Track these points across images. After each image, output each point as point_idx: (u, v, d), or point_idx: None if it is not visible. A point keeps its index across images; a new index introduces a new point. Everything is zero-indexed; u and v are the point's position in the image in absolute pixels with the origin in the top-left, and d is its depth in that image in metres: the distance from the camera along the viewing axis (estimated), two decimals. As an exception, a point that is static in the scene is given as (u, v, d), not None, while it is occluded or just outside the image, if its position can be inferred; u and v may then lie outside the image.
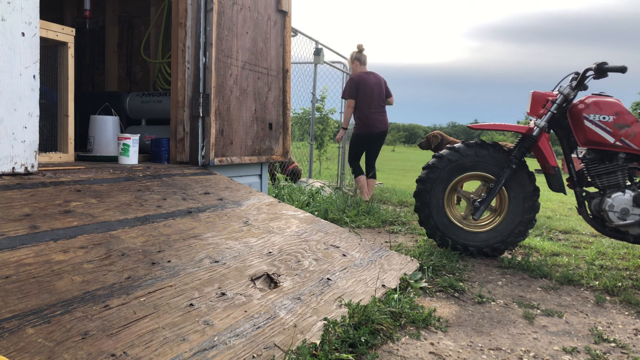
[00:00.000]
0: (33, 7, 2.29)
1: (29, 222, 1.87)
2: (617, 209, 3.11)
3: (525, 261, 3.26)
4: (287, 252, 2.42)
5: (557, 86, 3.35)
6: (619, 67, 3.08)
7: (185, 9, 3.29)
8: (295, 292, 2.05)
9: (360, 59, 5.87)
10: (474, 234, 3.48)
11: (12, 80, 2.20)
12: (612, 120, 3.11)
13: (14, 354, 1.25)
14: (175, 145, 3.42)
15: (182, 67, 3.33)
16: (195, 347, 1.50)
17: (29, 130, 2.29)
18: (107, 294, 1.61)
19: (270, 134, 4.13)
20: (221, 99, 3.46)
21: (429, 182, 3.48)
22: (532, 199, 3.40)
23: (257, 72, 3.87)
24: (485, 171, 3.42)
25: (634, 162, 3.19)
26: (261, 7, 3.88)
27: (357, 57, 5.87)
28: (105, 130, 3.48)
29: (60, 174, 2.47)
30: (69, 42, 3.02)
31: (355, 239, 2.97)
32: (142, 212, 2.31)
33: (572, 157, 3.34)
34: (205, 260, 2.05)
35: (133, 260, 1.87)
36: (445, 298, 2.57)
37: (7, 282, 1.50)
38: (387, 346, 1.93)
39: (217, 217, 2.57)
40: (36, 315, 1.41)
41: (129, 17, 4.63)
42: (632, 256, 3.68)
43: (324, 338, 1.79)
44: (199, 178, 3.10)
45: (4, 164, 2.21)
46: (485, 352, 1.96)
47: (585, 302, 2.65)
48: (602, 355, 1.97)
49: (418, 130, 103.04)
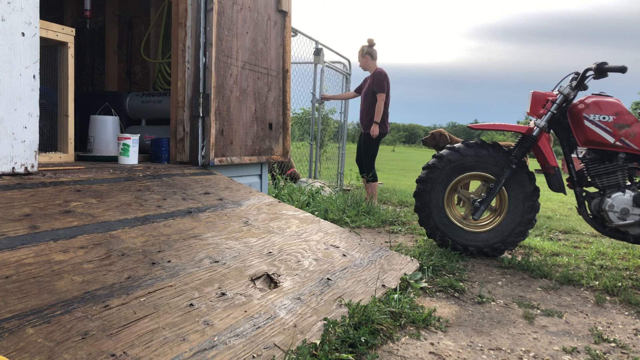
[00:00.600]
0: (33, 7, 2.29)
1: (29, 222, 1.87)
2: (617, 209, 3.11)
3: (525, 261, 3.26)
4: (287, 252, 2.42)
5: (557, 86, 3.35)
6: (619, 67, 3.08)
7: (185, 9, 3.29)
8: (295, 292, 2.05)
9: (372, 54, 5.65)
10: (474, 234, 3.48)
11: (12, 80, 2.20)
12: (612, 120, 3.10)
13: (14, 354, 1.25)
14: (175, 145, 3.42)
15: (182, 67, 3.33)
16: (195, 347, 1.50)
17: (29, 130, 2.29)
18: (107, 294, 1.61)
19: (270, 134, 4.13)
20: (221, 99, 3.46)
21: (429, 182, 3.48)
22: (532, 199, 3.40)
23: (257, 72, 3.87)
24: (485, 171, 3.42)
25: (634, 162, 3.19)
26: (261, 7, 3.88)
27: (369, 52, 5.64)
28: (105, 130, 3.48)
29: (60, 174, 2.47)
30: (69, 42, 3.02)
31: (355, 239, 2.97)
32: (142, 212, 2.31)
33: (572, 157, 3.34)
34: (205, 260, 2.05)
35: (133, 260, 1.87)
36: (445, 298, 2.57)
37: (7, 282, 1.50)
38: (387, 346, 1.93)
39: (217, 217, 2.57)
40: (36, 315, 1.41)
41: (129, 17, 4.63)
42: (632, 256, 3.68)
43: (324, 338, 1.79)
44: (199, 178, 3.10)
45: (4, 164, 2.21)
46: (485, 352, 1.96)
47: (585, 302, 2.65)
48: (602, 355, 1.97)
49: (418, 130, 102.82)
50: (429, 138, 5.86)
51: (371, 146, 5.66)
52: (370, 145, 5.66)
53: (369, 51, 5.66)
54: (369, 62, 5.65)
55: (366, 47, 5.70)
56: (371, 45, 5.71)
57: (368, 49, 5.68)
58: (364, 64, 5.72)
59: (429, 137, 5.85)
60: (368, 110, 5.58)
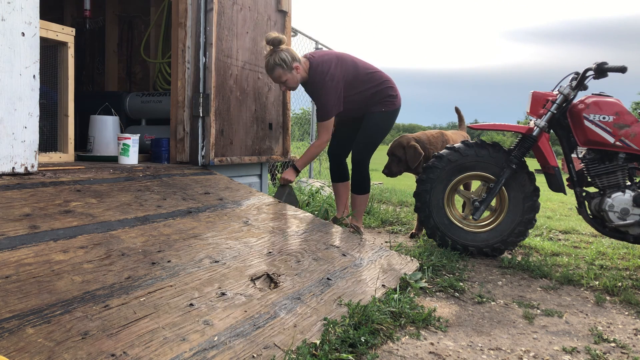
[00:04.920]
0: (33, 7, 2.29)
1: (29, 222, 1.87)
2: (617, 209, 3.11)
3: (525, 261, 3.26)
4: (287, 252, 2.42)
5: (557, 86, 3.35)
6: (619, 67, 3.08)
7: (185, 9, 3.29)
8: (295, 292, 2.05)
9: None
10: (474, 234, 3.48)
11: (12, 80, 2.20)
12: (612, 120, 3.11)
13: (14, 354, 1.25)
14: (175, 145, 3.42)
15: (182, 67, 3.33)
16: (195, 347, 1.50)
17: (29, 130, 2.29)
18: (107, 294, 1.61)
19: (270, 134, 4.13)
20: (221, 99, 3.46)
21: (429, 182, 3.47)
22: (532, 199, 3.39)
23: (257, 72, 3.87)
24: (485, 171, 3.42)
25: (634, 162, 3.19)
26: (261, 7, 3.88)
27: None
28: (105, 130, 3.48)
29: (60, 174, 2.47)
30: (69, 42, 3.02)
31: (355, 238, 2.97)
32: (142, 212, 2.31)
33: (572, 157, 3.34)
34: (205, 260, 2.05)
35: (133, 260, 1.87)
36: (445, 298, 2.57)
37: (7, 282, 1.50)
38: (387, 346, 1.93)
39: (217, 217, 2.57)
40: (36, 315, 1.41)
41: (129, 17, 4.63)
42: (632, 256, 3.68)
43: (323, 338, 1.79)
44: (199, 178, 3.10)
45: (4, 163, 2.21)
46: (485, 352, 1.96)
47: (585, 302, 2.65)
48: (602, 355, 1.97)
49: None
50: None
51: (376, 131, 3.67)
52: (377, 128, 3.66)
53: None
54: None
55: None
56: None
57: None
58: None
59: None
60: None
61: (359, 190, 3.77)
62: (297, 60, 3.41)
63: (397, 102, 3.65)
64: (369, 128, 3.63)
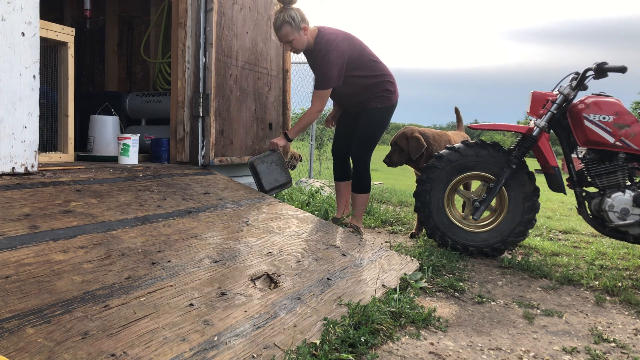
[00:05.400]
0: (33, 7, 2.29)
1: (29, 222, 1.87)
2: (617, 209, 3.11)
3: (525, 261, 3.26)
4: (287, 252, 2.42)
5: (557, 86, 3.35)
6: (619, 67, 3.08)
7: (185, 9, 3.29)
8: (295, 292, 2.05)
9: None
10: (474, 234, 3.48)
11: (12, 80, 2.20)
12: (612, 120, 3.10)
13: (14, 354, 1.25)
14: (175, 145, 3.42)
15: (182, 67, 3.33)
16: (195, 347, 1.50)
17: (29, 130, 2.29)
18: (107, 294, 1.61)
19: (270, 134, 4.13)
20: (221, 99, 3.46)
21: (429, 182, 3.47)
22: (532, 199, 3.39)
23: (257, 72, 3.87)
24: (485, 171, 3.42)
25: (634, 162, 3.19)
26: (261, 7, 3.88)
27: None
28: (105, 130, 3.48)
29: (60, 174, 2.47)
30: (69, 42, 3.02)
31: (355, 238, 2.97)
32: (142, 212, 2.31)
33: (572, 157, 3.34)
34: (205, 260, 2.05)
35: (133, 260, 1.87)
36: (445, 298, 2.57)
37: (7, 282, 1.50)
38: (387, 346, 1.93)
39: (217, 217, 2.57)
40: (36, 315, 1.41)
41: (129, 17, 4.63)
42: (632, 256, 3.68)
43: (323, 338, 1.79)
44: (199, 178, 3.11)
45: (4, 163, 2.21)
46: (485, 352, 1.96)
47: (585, 302, 2.65)
48: (602, 355, 1.97)
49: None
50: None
51: (373, 127, 3.63)
52: (374, 124, 3.62)
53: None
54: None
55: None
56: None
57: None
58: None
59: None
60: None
61: (359, 190, 3.76)
62: (306, 22, 3.34)
63: (394, 97, 3.65)
64: (366, 124, 3.62)
